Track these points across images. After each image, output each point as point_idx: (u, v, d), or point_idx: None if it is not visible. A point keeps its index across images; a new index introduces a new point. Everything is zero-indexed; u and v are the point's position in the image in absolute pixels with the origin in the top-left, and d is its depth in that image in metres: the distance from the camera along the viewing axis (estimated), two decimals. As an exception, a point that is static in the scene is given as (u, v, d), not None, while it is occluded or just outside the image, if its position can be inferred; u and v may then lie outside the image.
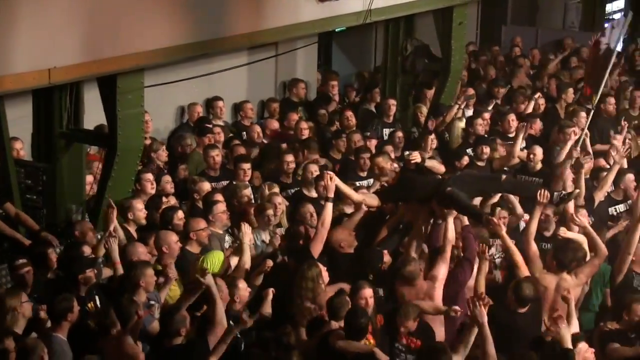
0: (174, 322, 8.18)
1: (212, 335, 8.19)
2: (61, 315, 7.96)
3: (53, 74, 9.25)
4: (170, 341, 8.17)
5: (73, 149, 10.79)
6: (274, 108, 15.12)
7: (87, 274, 8.92)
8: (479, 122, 13.82)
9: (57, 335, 7.89)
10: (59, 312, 7.97)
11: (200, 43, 10.88)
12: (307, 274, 8.92)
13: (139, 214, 10.31)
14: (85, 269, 8.92)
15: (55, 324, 7.98)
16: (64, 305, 7.99)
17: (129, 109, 10.32)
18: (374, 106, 15.50)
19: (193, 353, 8.05)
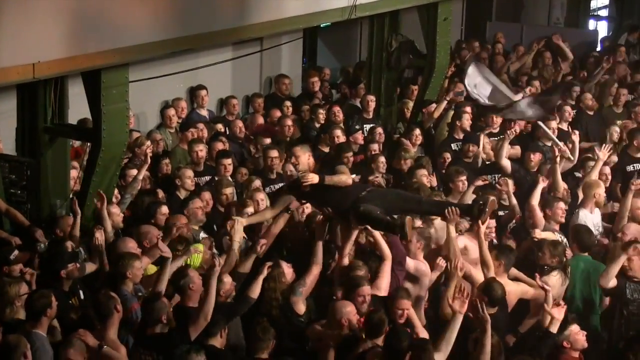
0: (155, 308, 8.20)
1: (194, 326, 8.25)
2: (40, 312, 7.93)
3: (37, 69, 9.21)
4: (153, 329, 8.20)
5: (57, 143, 10.76)
6: (258, 103, 15.15)
7: (69, 268, 8.92)
8: (464, 117, 13.85)
9: (36, 332, 7.85)
10: (38, 308, 7.94)
11: (184, 38, 10.86)
12: (270, 274, 8.95)
13: (117, 218, 10.31)
14: (67, 264, 8.92)
15: (34, 321, 7.93)
16: (42, 302, 7.95)
17: (113, 103, 10.30)
18: (359, 102, 15.52)
19: (173, 344, 8.05)
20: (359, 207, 8.98)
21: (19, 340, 7.37)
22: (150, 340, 8.16)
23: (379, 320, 8.32)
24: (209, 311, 8.31)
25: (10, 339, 7.37)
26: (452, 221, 9.17)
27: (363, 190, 9.30)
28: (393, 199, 9.35)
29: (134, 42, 10.15)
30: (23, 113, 10.72)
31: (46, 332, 7.97)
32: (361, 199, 9.08)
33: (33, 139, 10.69)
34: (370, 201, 9.06)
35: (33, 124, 10.65)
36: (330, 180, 9.20)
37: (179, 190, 11.39)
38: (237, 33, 11.92)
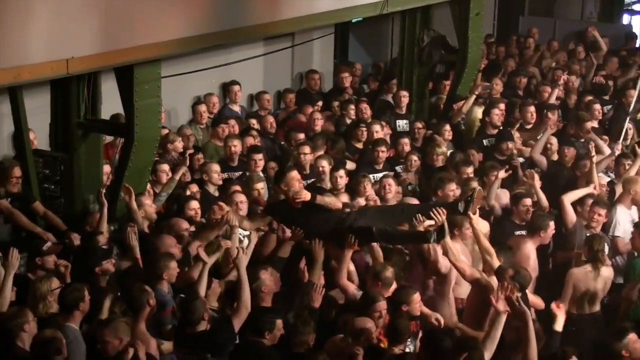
0: (196, 309, 8.17)
1: (237, 318, 8.26)
2: (73, 305, 7.96)
3: (71, 64, 9.27)
4: (194, 328, 8.18)
5: (90, 139, 10.82)
6: (290, 99, 15.17)
7: (104, 265, 8.98)
8: (495, 112, 13.79)
9: (69, 325, 7.89)
10: (70, 302, 7.97)
11: (216, 33, 10.88)
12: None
13: (150, 209, 10.35)
14: (102, 261, 8.98)
15: (67, 314, 7.97)
16: (75, 295, 7.98)
17: (146, 99, 10.34)
18: (391, 97, 15.49)
19: (219, 338, 8.08)
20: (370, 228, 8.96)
21: (54, 335, 7.39)
22: (193, 339, 8.13)
23: (404, 326, 8.23)
24: (247, 300, 8.30)
25: (45, 334, 7.40)
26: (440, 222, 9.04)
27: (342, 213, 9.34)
28: (375, 214, 9.34)
29: (166, 38, 10.18)
30: (56, 108, 10.78)
31: (79, 325, 8.01)
32: (346, 219, 9.14)
33: (66, 134, 10.76)
34: (356, 220, 9.09)
35: (66, 119, 10.71)
36: (321, 200, 9.26)
37: (207, 185, 11.42)
38: (268, 28, 11.93)
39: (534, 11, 22.67)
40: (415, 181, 12.44)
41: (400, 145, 13.05)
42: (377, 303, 8.54)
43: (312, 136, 13.23)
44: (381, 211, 9.65)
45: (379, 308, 8.53)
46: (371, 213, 9.40)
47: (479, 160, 12.71)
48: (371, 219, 9.17)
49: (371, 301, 8.58)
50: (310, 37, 15.83)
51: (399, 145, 13.04)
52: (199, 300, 8.29)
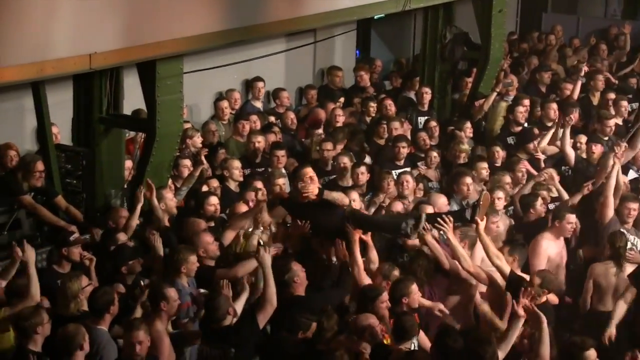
0: (219, 306, 8.20)
1: (262, 314, 8.26)
2: (103, 309, 7.98)
3: (94, 59, 9.30)
4: (219, 324, 8.20)
5: (112, 134, 10.85)
6: (311, 95, 15.16)
7: (131, 264, 9.00)
8: (519, 110, 13.73)
9: (100, 328, 7.91)
10: (101, 305, 7.99)
11: (238, 29, 10.89)
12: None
13: (170, 203, 10.36)
14: (128, 260, 9.01)
15: (96, 317, 7.98)
16: (106, 299, 8.00)
17: (168, 94, 10.36)
18: (414, 94, 15.46)
19: (243, 333, 8.09)
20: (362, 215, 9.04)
21: (77, 330, 7.41)
22: (218, 335, 8.16)
23: (411, 323, 8.18)
24: (272, 296, 8.28)
25: (69, 328, 7.41)
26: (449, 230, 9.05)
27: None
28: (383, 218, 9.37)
29: (188, 33, 10.20)
30: (79, 103, 10.82)
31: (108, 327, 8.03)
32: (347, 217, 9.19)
33: (88, 129, 10.80)
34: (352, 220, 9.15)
35: (88, 114, 10.75)
36: (328, 196, 9.36)
37: (228, 181, 11.42)
38: (290, 24, 11.92)
39: (557, 8, 22.54)
40: (436, 178, 12.42)
41: (420, 139, 13.00)
42: (381, 295, 8.51)
43: (332, 130, 13.22)
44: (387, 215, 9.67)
45: (384, 299, 8.51)
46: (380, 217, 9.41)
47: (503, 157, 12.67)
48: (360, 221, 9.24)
49: (376, 294, 8.53)
50: (332, 33, 15.81)
51: (419, 140, 12.99)
52: (222, 297, 8.30)
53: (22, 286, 8.19)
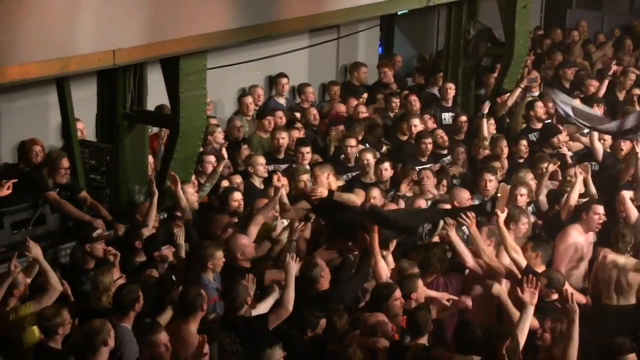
0: (238, 294, 8.20)
1: (275, 316, 8.21)
2: (128, 306, 7.97)
3: (118, 55, 9.34)
4: (237, 312, 8.22)
5: (136, 130, 10.88)
6: (334, 91, 15.14)
7: (163, 251, 9.04)
8: (539, 106, 13.68)
9: (123, 325, 7.91)
10: (126, 303, 7.98)
11: (261, 26, 10.90)
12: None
13: (192, 197, 10.38)
14: (161, 246, 9.04)
15: (121, 314, 7.97)
16: (131, 297, 7.99)
17: (191, 90, 10.38)
18: (437, 90, 15.42)
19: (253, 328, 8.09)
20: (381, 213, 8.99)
21: (103, 326, 7.42)
22: (233, 322, 8.17)
23: (425, 318, 8.13)
24: (289, 302, 8.22)
25: (95, 324, 7.42)
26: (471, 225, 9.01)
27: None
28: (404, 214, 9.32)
29: (212, 29, 10.22)
30: (103, 99, 10.86)
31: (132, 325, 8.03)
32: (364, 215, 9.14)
33: (112, 125, 10.83)
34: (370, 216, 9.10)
35: (112, 110, 10.78)
36: (339, 197, 9.41)
37: (252, 177, 11.42)
38: (313, 20, 11.92)
39: (581, 4, 22.39)
40: (461, 174, 12.39)
41: (438, 137, 12.95)
42: (394, 292, 8.45)
43: (350, 124, 13.22)
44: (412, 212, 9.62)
45: (398, 296, 8.46)
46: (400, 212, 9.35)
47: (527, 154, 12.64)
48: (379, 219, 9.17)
49: (389, 291, 8.46)
50: (356, 29, 15.80)
51: (437, 138, 12.94)
52: (242, 286, 8.30)
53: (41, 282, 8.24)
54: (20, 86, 10.97)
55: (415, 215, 9.52)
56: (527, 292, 8.10)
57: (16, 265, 7.97)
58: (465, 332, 7.90)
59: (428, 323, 8.12)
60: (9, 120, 11.87)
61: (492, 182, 11.16)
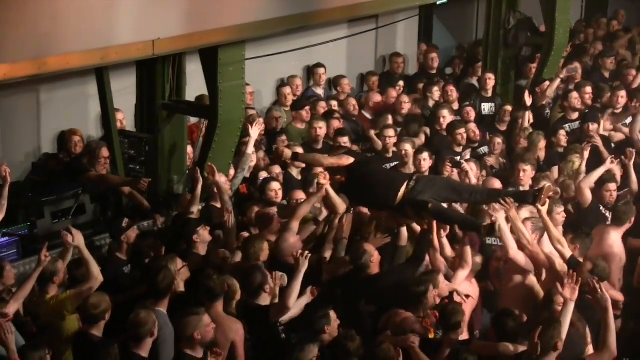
0: (256, 279, 8.20)
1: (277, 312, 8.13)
2: (166, 291, 8.02)
3: (157, 45, 9.36)
4: (254, 299, 8.22)
5: (175, 120, 10.91)
6: (373, 82, 15.11)
7: (201, 232, 9.07)
8: (574, 96, 13.55)
9: (159, 310, 7.93)
10: (165, 287, 8.02)
11: (300, 15, 10.88)
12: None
13: (225, 187, 10.35)
14: (197, 228, 9.08)
15: (158, 299, 8.01)
16: (167, 282, 8.03)
17: (230, 81, 10.39)
18: (476, 80, 15.32)
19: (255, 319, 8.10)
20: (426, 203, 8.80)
21: (149, 317, 7.48)
22: (244, 309, 8.20)
23: (456, 312, 8.07)
24: (290, 298, 8.04)
25: (141, 316, 7.48)
26: (509, 210, 8.90)
27: (407, 179, 9.10)
28: (443, 188, 9.12)
29: (251, 20, 10.21)
30: (142, 90, 10.90)
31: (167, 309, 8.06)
32: (411, 190, 8.96)
33: (151, 115, 10.87)
34: (421, 193, 8.92)
35: (151, 100, 10.82)
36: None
37: (290, 167, 11.41)
38: (352, 10, 11.89)
39: (623, -6, 22.18)
40: (499, 164, 12.31)
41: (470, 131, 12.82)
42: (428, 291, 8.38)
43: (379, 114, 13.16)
44: (450, 187, 9.43)
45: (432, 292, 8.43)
46: (439, 187, 9.19)
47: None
48: (437, 194, 9.01)
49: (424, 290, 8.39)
50: (394, 19, 15.72)
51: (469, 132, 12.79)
52: (260, 273, 8.30)
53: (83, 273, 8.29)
54: (60, 76, 11.06)
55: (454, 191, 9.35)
56: (567, 288, 8.02)
57: (46, 255, 8.00)
58: (505, 319, 7.86)
59: (461, 316, 8.08)
60: (49, 110, 11.95)
61: (527, 172, 11.09)
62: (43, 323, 8.08)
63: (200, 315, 7.52)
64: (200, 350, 7.49)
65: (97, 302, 7.70)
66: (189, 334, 7.46)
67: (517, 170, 11.22)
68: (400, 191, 8.96)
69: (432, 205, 8.81)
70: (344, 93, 14.57)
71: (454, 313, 8.08)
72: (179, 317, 7.61)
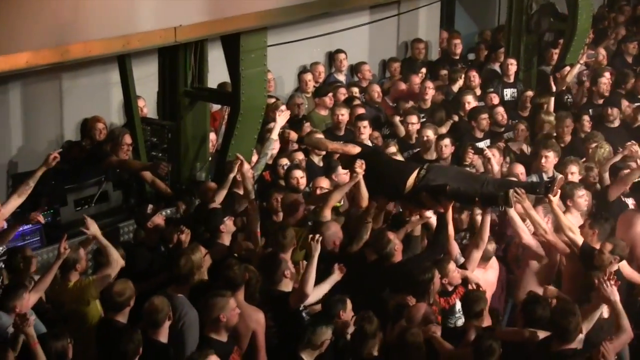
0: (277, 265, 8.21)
1: (295, 295, 8.13)
2: (187, 277, 8.05)
3: (179, 32, 9.36)
4: (276, 285, 8.23)
5: (197, 107, 10.91)
6: (395, 68, 15.08)
7: (227, 222, 9.07)
8: (603, 81, 13.46)
9: (180, 296, 7.96)
10: (186, 273, 8.04)
11: (322, 2, 10.86)
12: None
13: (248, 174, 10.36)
14: (224, 218, 9.07)
15: (179, 286, 8.03)
16: (189, 268, 8.05)
17: (252, 67, 10.37)
18: (498, 66, 15.26)
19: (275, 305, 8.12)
20: (444, 186, 8.78)
21: (164, 303, 7.50)
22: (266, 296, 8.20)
23: (477, 298, 8.07)
24: (307, 284, 8.02)
25: (156, 302, 7.49)
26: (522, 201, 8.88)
27: (418, 168, 9.09)
28: (454, 178, 9.07)
29: (272, 6, 10.18)
30: (164, 77, 10.89)
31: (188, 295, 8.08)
32: (422, 179, 8.95)
33: (173, 102, 10.87)
34: (433, 181, 8.91)
35: (173, 87, 10.82)
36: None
37: (312, 154, 11.40)
38: (374, -4, 11.86)
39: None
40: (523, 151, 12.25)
41: (498, 115, 12.80)
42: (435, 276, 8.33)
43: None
44: (463, 176, 9.42)
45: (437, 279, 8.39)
46: (451, 175, 9.19)
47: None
48: (450, 180, 9.00)
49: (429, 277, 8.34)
50: (416, 5, 15.67)
51: (497, 116, 12.78)
52: (280, 257, 8.31)
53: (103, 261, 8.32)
54: (83, 64, 11.07)
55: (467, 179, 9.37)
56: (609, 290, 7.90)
57: (65, 247, 8.02)
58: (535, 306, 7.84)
59: (483, 302, 8.08)
60: (72, 98, 11.99)
61: (550, 158, 11.03)
62: (66, 311, 8.11)
63: (227, 298, 7.52)
64: (225, 334, 7.51)
65: (121, 289, 7.72)
66: (215, 315, 7.46)
67: (539, 156, 11.17)
68: (409, 180, 8.99)
69: (450, 187, 8.81)
70: (365, 79, 14.54)
71: (476, 300, 8.07)
72: (205, 300, 7.59)
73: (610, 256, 8.65)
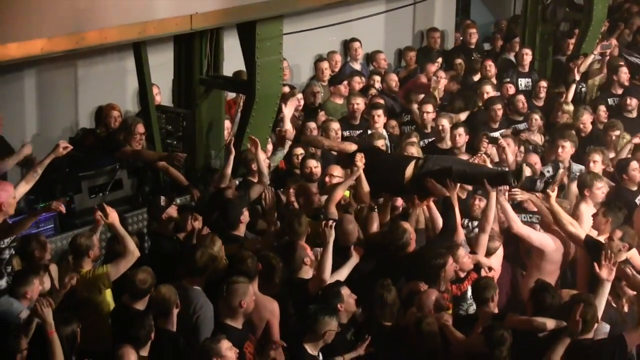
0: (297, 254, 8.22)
1: (313, 281, 8.13)
2: (203, 269, 8.03)
3: (195, 20, 9.35)
4: (297, 273, 8.23)
5: (212, 95, 10.90)
6: (410, 57, 15.04)
7: (245, 214, 9.06)
8: (624, 71, 13.39)
9: (196, 288, 7.95)
10: (203, 265, 8.02)
11: (338, -10, 10.85)
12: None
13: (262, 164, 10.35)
14: (242, 209, 9.05)
15: (194, 277, 8.01)
16: (205, 260, 8.03)
17: (267, 56, 10.35)
18: (514, 56, 15.20)
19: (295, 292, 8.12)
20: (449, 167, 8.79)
21: (171, 291, 7.52)
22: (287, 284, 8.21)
23: (486, 285, 8.04)
24: (324, 271, 8.07)
25: (164, 291, 7.51)
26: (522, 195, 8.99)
27: (415, 159, 9.21)
28: (457, 161, 9.14)
29: (288, -6, 10.18)
30: (179, 65, 10.88)
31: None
32: (421, 168, 8.99)
33: (189, 90, 10.86)
34: (435, 166, 8.95)
35: (189, 75, 10.81)
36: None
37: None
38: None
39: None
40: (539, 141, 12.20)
41: (519, 103, 12.76)
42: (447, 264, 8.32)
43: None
44: (463, 161, 9.49)
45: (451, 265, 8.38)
46: (452, 160, 9.29)
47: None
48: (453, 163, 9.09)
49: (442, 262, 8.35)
50: (432, -6, 15.65)
51: (518, 103, 12.75)
52: (300, 246, 8.31)
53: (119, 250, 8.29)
54: (98, 51, 11.08)
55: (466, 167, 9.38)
56: (605, 269, 7.93)
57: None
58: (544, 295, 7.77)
59: (492, 288, 8.05)
60: (87, 85, 11.99)
61: (566, 148, 10.99)
62: (78, 298, 8.09)
63: (247, 284, 7.53)
64: (240, 321, 7.49)
65: (144, 277, 7.71)
66: (236, 301, 7.44)
67: (556, 146, 11.13)
68: (408, 170, 9.06)
69: (455, 167, 8.79)
70: (381, 68, 14.50)
71: (486, 287, 8.05)
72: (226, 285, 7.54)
73: (620, 243, 8.61)
